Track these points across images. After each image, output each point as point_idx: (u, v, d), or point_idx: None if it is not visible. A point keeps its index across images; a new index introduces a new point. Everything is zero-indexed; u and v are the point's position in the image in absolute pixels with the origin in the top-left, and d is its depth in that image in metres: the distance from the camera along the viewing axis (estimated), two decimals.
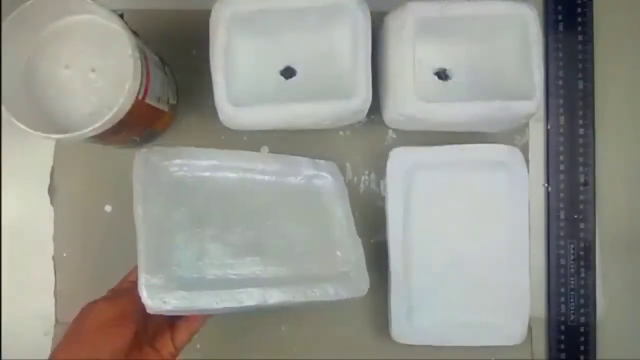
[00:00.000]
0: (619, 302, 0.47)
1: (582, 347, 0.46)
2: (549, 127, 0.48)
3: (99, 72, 0.37)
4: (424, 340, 0.43)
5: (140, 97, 0.37)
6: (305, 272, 0.40)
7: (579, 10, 0.48)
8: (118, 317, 0.33)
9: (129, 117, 0.36)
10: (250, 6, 0.40)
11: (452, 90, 0.45)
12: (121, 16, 0.37)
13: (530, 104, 0.40)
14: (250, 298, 0.35)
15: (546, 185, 0.47)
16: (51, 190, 0.47)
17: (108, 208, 0.47)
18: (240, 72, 0.42)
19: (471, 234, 0.45)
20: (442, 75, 0.45)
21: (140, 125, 0.41)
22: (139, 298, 0.33)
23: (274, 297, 0.36)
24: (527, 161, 0.45)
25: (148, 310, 0.32)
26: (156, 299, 0.32)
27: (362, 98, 0.40)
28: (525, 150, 0.47)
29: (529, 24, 0.40)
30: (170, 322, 0.36)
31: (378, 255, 0.46)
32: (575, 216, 0.47)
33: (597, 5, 0.48)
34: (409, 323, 0.43)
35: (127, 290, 0.35)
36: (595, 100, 0.47)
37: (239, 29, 0.41)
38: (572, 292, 0.47)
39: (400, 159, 0.44)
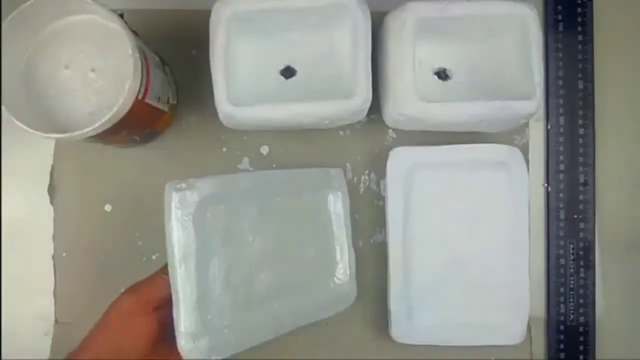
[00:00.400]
0: (619, 302, 0.47)
1: (581, 347, 0.46)
2: (549, 127, 0.48)
3: (99, 72, 0.37)
4: (424, 340, 0.43)
5: (140, 97, 0.37)
6: (310, 295, 0.41)
7: (579, 10, 0.48)
8: (141, 307, 0.34)
9: (129, 117, 0.36)
10: (250, 6, 0.40)
11: (452, 90, 0.44)
12: (121, 16, 0.37)
13: (530, 104, 0.40)
14: (265, 337, 0.37)
15: (546, 185, 0.48)
16: (51, 190, 0.47)
17: (108, 208, 0.47)
18: (240, 72, 0.42)
19: (471, 234, 0.45)
20: (442, 75, 0.45)
21: (140, 125, 0.41)
22: (163, 287, 0.34)
23: (286, 329, 0.38)
24: (527, 161, 0.45)
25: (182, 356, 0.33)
26: (192, 353, 0.33)
27: (362, 98, 0.40)
28: (525, 150, 0.47)
29: (529, 24, 0.40)
30: None
31: (378, 256, 0.46)
32: (575, 216, 0.47)
33: (597, 5, 0.48)
34: (409, 323, 0.43)
35: (151, 281, 0.35)
36: (595, 100, 0.47)
37: (239, 29, 0.41)
38: (572, 292, 0.47)
39: (400, 159, 0.44)
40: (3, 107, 0.34)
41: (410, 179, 0.44)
